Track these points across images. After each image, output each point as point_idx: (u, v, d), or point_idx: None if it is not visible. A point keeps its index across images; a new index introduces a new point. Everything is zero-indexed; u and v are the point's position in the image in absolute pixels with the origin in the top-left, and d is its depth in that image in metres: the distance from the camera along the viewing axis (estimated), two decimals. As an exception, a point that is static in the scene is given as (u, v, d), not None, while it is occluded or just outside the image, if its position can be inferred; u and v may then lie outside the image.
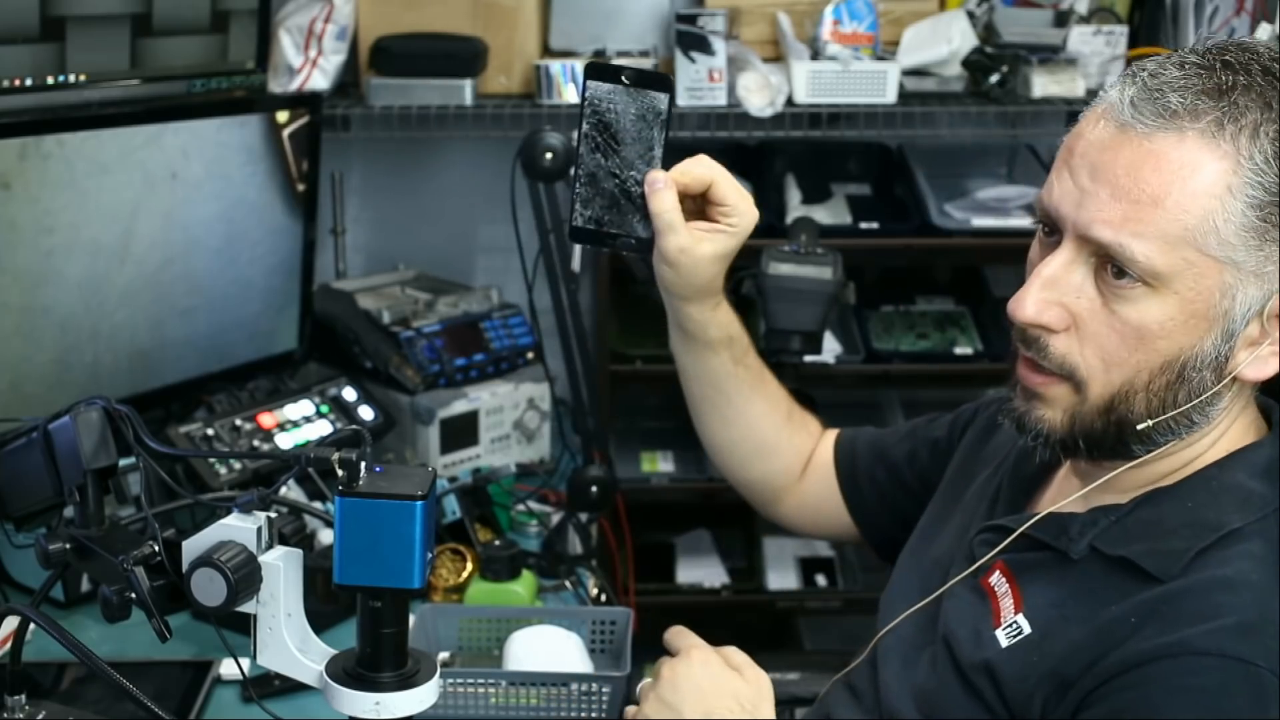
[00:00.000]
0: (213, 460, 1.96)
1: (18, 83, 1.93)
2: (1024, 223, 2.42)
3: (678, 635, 1.32)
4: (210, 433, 2.01)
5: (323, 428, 2.14)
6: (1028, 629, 1.13)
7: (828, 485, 1.60)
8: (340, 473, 1.04)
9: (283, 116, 2.21)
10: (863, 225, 2.54)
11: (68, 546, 1.22)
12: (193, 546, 1.10)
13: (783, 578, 2.73)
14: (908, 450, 1.54)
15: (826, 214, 2.58)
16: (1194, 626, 1.02)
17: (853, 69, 2.38)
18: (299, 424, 2.12)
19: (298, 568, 1.11)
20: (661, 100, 1.34)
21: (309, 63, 2.42)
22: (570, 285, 2.01)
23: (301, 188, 2.27)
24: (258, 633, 1.11)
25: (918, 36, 2.44)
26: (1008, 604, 1.16)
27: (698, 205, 1.37)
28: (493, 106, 2.45)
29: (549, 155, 1.89)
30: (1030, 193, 2.50)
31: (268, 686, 1.54)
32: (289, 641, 1.10)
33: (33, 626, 1.25)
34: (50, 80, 1.97)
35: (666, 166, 1.34)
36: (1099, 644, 1.06)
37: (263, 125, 2.18)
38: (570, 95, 2.44)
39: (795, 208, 2.58)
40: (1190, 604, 1.04)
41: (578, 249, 2.46)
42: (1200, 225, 1.02)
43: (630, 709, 1.30)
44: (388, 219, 2.79)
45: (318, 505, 1.47)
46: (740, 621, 2.75)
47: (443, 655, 1.67)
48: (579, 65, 2.44)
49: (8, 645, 1.33)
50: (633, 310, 2.60)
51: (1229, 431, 1.14)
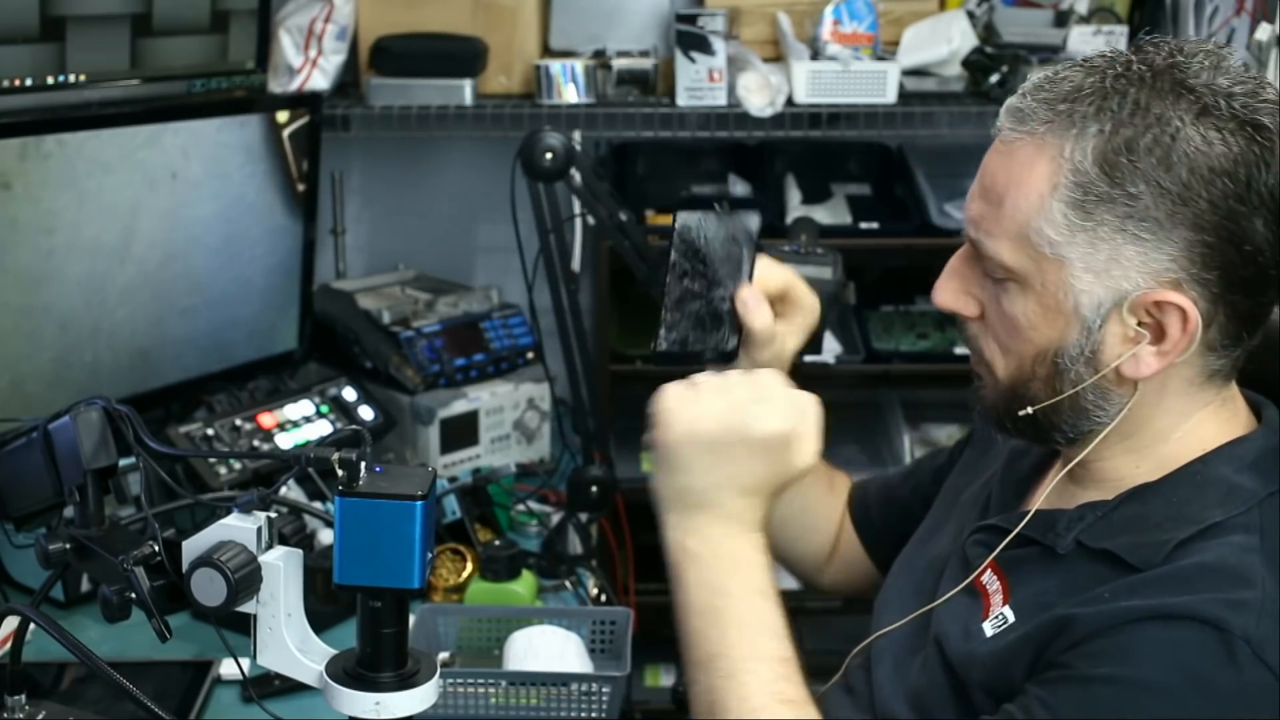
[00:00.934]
0: (213, 460, 1.96)
1: (18, 83, 1.93)
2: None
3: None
4: (210, 433, 2.01)
5: (323, 428, 2.14)
6: (1012, 618, 1.14)
7: (852, 540, 1.59)
8: (340, 473, 1.04)
9: (283, 116, 2.21)
10: (863, 225, 2.54)
11: (68, 546, 1.22)
12: (193, 546, 1.10)
13: (783, 577, 2.72)
14: (912, 486, 1.55)
15: (826, 214, 2.58)
16: (1172, 595, 1.03)
17: (853, 69, 2.38)
18: (299, 424, 2.12)
19: (298, 568, 1.11)
20: (753, 220, 1.36)
21: (309, 63, 2.42)
22: (570, 285, 2.01)
23: (301, 188, 2.27)
24: (258, 633, 1.11)
25: (918, 36, 2.44)
26: (997, 599, 1.17)
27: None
28: (493, 106, 2.45)
29: (549, 155, 1.89)
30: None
31: (268, 686, 1.54)
32: (289, 641, 1.10)
33: (33, 626, 1.25)
34: (50, 80, 1.97)
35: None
36: (1076, 611, 1.07)
37: (263, 125, 2.18)
38: (570, 95, 2.44)
39: (795, 208, 2.58)
40: (1169, 581, 1.05)
41: (577, 248, 2.47)
42: (1030, 224, 1.07)
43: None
44: (388, 219, 2.79)
45: (318, 505, 1.47)
46: (740, 621, 2.74)
47: (443, 655, 1.67)
48: (579, 65, 2.44)
49: (8, 645, 1.33)
50: (633, 310, 2.60)
51: (1206, 425, 1.14)
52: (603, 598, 1.93)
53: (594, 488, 2.00)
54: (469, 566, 1.89)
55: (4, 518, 1.36)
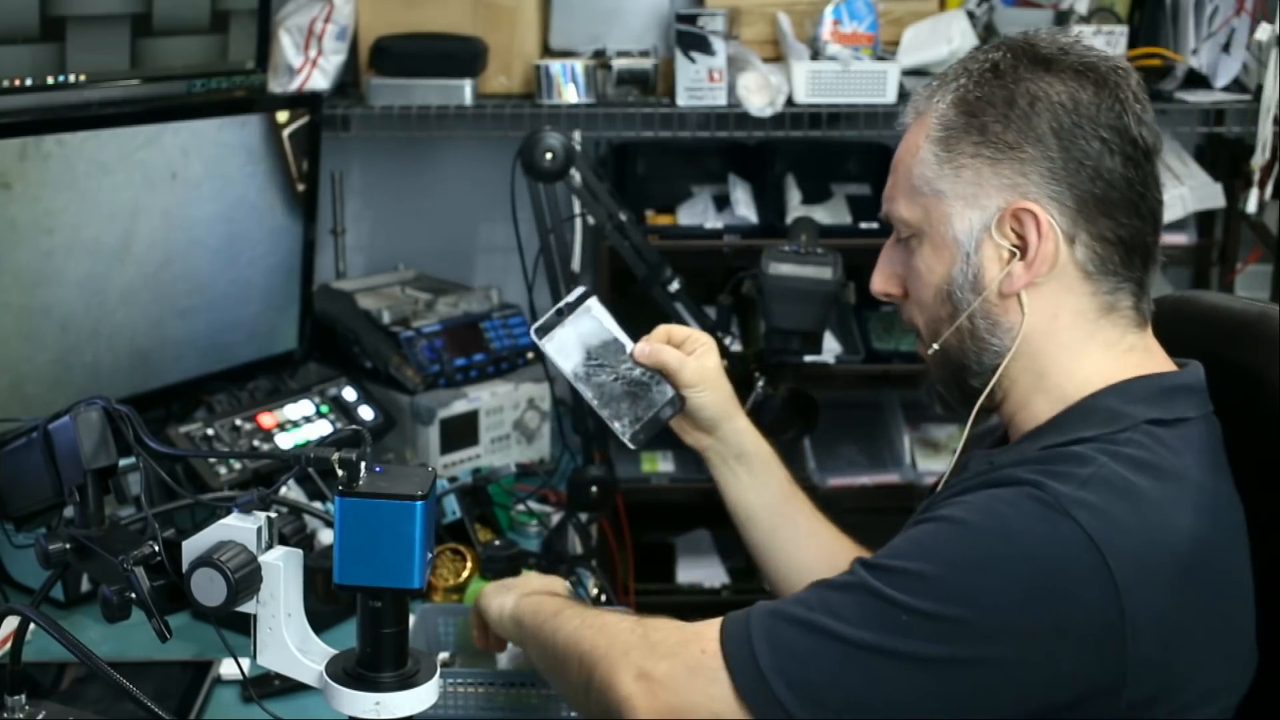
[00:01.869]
0: (213, 460, 1.96)
1: (18, 83, 1.93)
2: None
3: None
4: (210, 433, 2.01)
5: (323, 428, 2.13)
6: None
7: None
8: (340, 473, 1.04)
9: (283, 116, 2.21)
10: (863, 225, 2.54)
11: (68, 546, 1.22)
12: (193, 546, 1.10)
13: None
14: None
15: (826, 214, 2.58)
16: (1012, 470, 1.13)
17: (853, 69, 2.38)
18: (299, 424, 2.12)
19: (298, 568, 1.11)
20: (591, 300, 1.57)
21: (309, 63, 2.42)
22: (570, 285, 2.01)
23: (301, 188, 2.27)
24: (258, 633, 1.11)
25: (918, 36, 2.44)
26: None
27: None
28: (493, 106, 2.45)
29: (549, 155, 1.89)
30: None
31: (268, 686, 1.54)
32: (289, 641, 1.10)
33: (33, 626, 1.25)
34: (50, 80, 1.97)
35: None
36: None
37: (263, 125, 2.18)
38: (570, 95, 2.44)
39: (795, 208, 2.58)
40: (1020, 463, 1.14)
41: (577, 248, 2.47)
42: (913, 172, 1.23)
43: None
44: (388, 219, 2.79)
45: (318, 505, 1.47)
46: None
47: (443, 655, 1.67)
48: (579, 65, 2.44)
49: (8, 645, 1.33)
50: (633, 310, 2.59)
51: (1110, 367, 1.19)
52: (603, 598, 1.93)
53: (594, 488, 1.99)
54: (469, 566, 1.88)
55: (4, 518, 1.36)
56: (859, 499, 2.70)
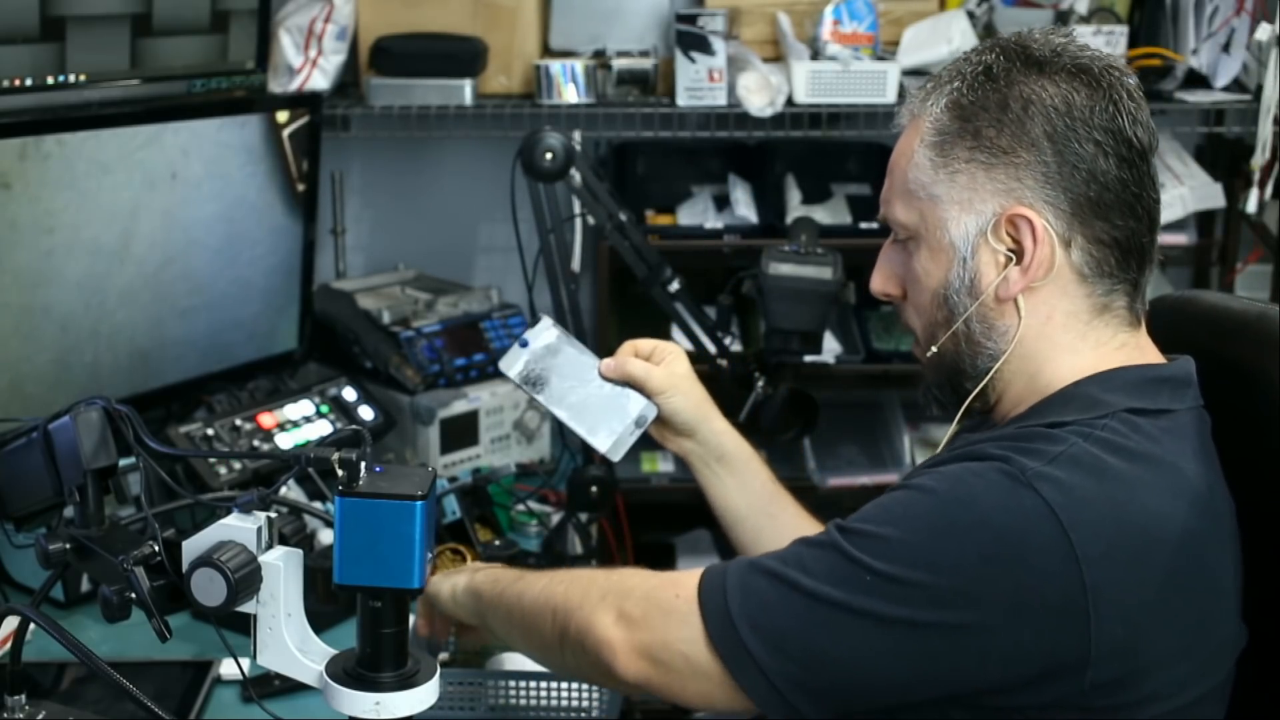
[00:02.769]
0: (213, 460, 1.96)
1: (18, 83, 1.93)
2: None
3: None
4: (210, 433, 2.01)
5: (323, 428, 2.13)
6: None
7: None
8: (340, 473, 1.04)
9: (283, 116, 2.21)
10: (863, 225, 2.54)
11: (68, 546, 1.22)
12: (193, 546, 1.10)
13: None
14: None
15: (826, 214, 2.58)
16: (983, 445, 1.14)
17: (853, 69, 2.38)
18: (299, 424, 2.12)
19: (298, 568, 1.11)
20: (546, 323, 1.62)
21: (309, 63, 2.42)
22: (570, 285, 2.01)
23: (301, 188, 2.27)
24: (258, 633, 1.11)
25: (918, 36, 2.44)
26: None
27: None
28: (493, 106, 2.45)
29: (549, 155, 1.89)
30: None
31: (268, 686, 1.54)
32: (289, 641, 1.10)
33: (33, 626, 1.25)
34: (50, 80, 1.97)
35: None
36: None
37: (263, 125, 2.18)
38: (570, 95, 2.44)
39: (795, 208, 2.58)
40: (986, 440, 1.16)
41: (577, 248, 2.47)
42: (908, 176, 1.23)
43: None
44: (388, 219, 2.79)
45: (318, 505, 1.47)
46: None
47: (443, 655, 1.67)
48: (579, 65, 2.44)
49: (8, 645, 1.33)
50: (633, 310, 2.60)
51: (1090, 358, 1.20)
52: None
53: (594, 488, 1.99)
54: (469, 566, 1.88)
55: (4, 518, 1.36)
56: (859, 499, 2.67)
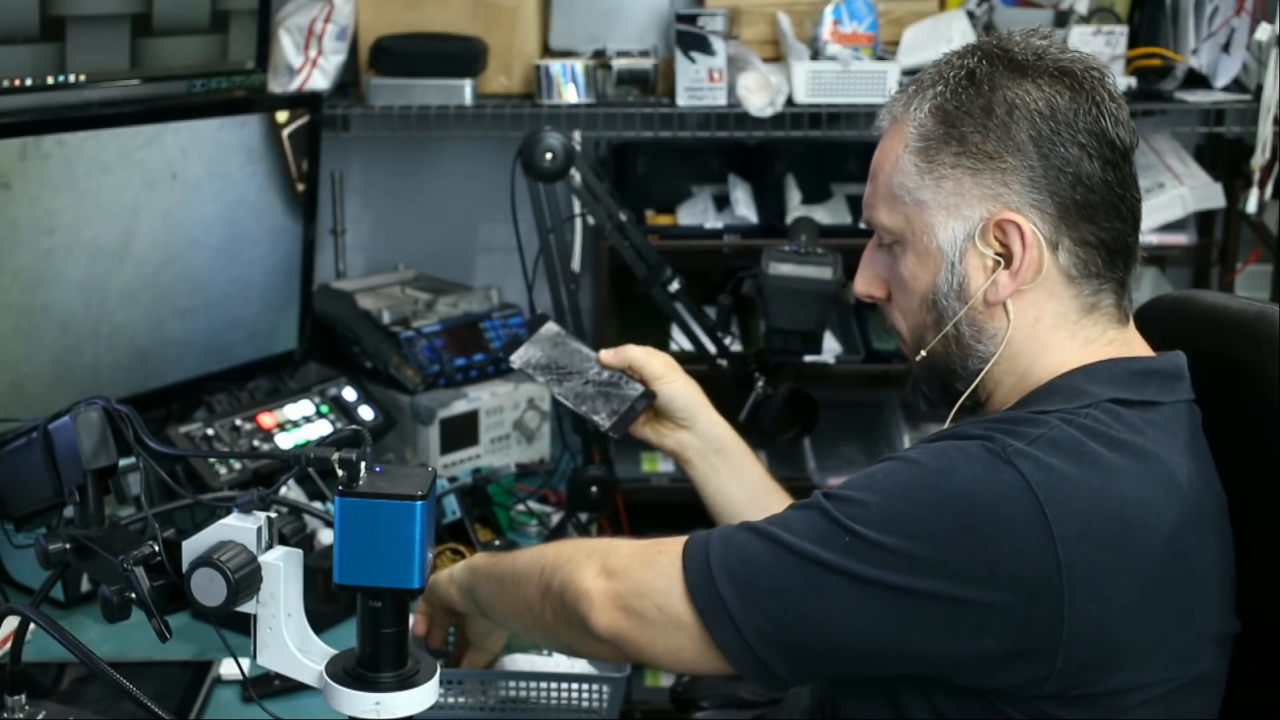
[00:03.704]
0: (213, 460, 1.96)
1: (18, 83, 1.93)
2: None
3: None
4: (210, 433, 2.01)
5: (323, 428, 2.13)
6: None
7: None
8: (340, 473, 1.04)
9: (283, 116, 2.21)
10: (863, 225, 2.53)
11: (68, 546, 1.22)
12: (193, 546, 1.10)
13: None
14: None
15: (826, 214, 2.58)
16: (978, 425, 1.16)
17: (853, 69, 2.38)
18: (299, 424, 2.12)
19: (298, 568, 1.11)
20: (548, 320, 1.72)
21: (309, 63, 2.42)
22: (570, 285, 2.01)
23: (301, 188, 2.27)
24: (258, 633, 1.11)
25: (918, 36, 2.44)
26: None
27: None
28: (493, 106, 2.45)
29: (549, 155, 1.89)
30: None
31: (268, 686, 1.54)
32: (289, 641, 1.10)
33: (33, 626, 1.25)
34: (50, 80, 1.97)
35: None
36: None
37: (263, 125, 2.18)
38: (570, 95, 2.44)
39: (795, 208, 2.58)
40: (969, 423, 1.19)
41: (577, 248, 2.47)
42: (893, 181, 1.24)
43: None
44: (388, 219, 2.79)
45: (318, 505, 1.47)
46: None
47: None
48: (579, 65, 2.44)
49: (8, 645, 1.33)
50: (633, 310, 2.60)
51: (1079, 354, 1.21)
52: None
53: (594, 488, 2.00)
54: (469, 566, 1.88)
55: (4, 518, 1.36)
56: (859, 499, 2.70)
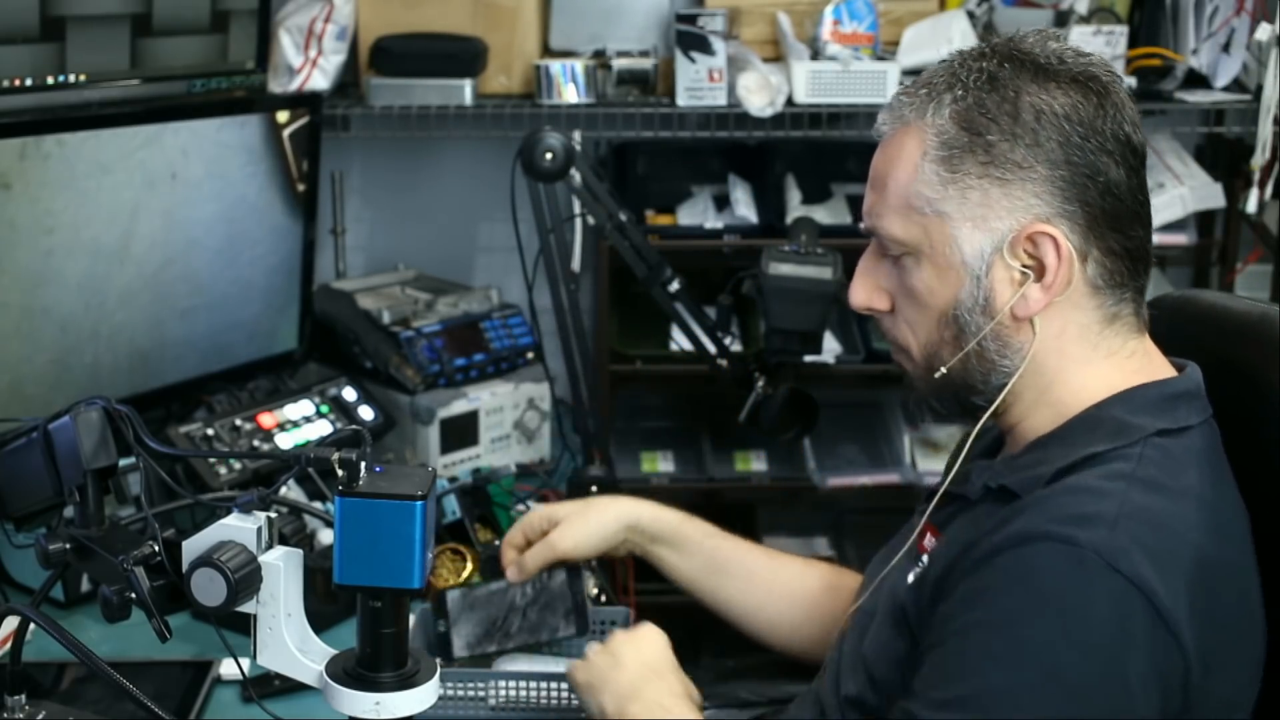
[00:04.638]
0: (213, 460, 1.96)
1: (18, 83, 1.93)
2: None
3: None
4: (210, 433, 2.01)
5: (323, 428, 2.13)
6: (926, 562, 1.23)
7: None
8: (340, 473, 1.04)
9: (283, 116, 2.21)
10: (862, 225, 2.54)
11: (68, 546, 1.22)
12: (193, 546, 1.10)
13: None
14: None
15: (826, 214, 2.58)
16: (1030, 521, 1.10)
17: (853, 69, 2.38)
18: (299, 424, 2.12)
19: (298, 568, 1.11)
20: (446, 593, 1.68)
21: (309, 63, 2.42)
22: (570, 285, 2.01)
23: (301, 188, 2.27)
24: (258, 633, 1.11)
25: (918, 36, 2.44)
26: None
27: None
28: (493, 106, 2.45)
29: (549, 155, 1.89)
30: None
31: (268, 686, 1.54)
32: (289, 641, 1.10)
33: (33, 626, 1.25)
34: (50, 80, 1.97)
35: None
36: (964, 551, 1.15)
37: (263, 125, 2.18)
38: (570, 95, 2.44)
39: (795, 208, 2.58)
40: (1033, 506, 1.12)
41: (577, 248, 2.47)
42: (909, 191, 1.19)
43: (576, 662, 1.48)
44: (388, 219, 2.79)
45: (318, 505, 1.47)
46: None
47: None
48: (579, 65, 2.44)
49: (8, 645, 1.33)
50: (633, 310, 2.60)
51: (1113, 374, 1.19)
52: (603, 598, 1.93)
53: (594, 488, 2.00)
54: (469, 566, 1.88)
55: (4, 518, 1.36)
56: (859, 499, 2.70)
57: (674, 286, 1.98)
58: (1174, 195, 2.50)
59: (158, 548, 1.13)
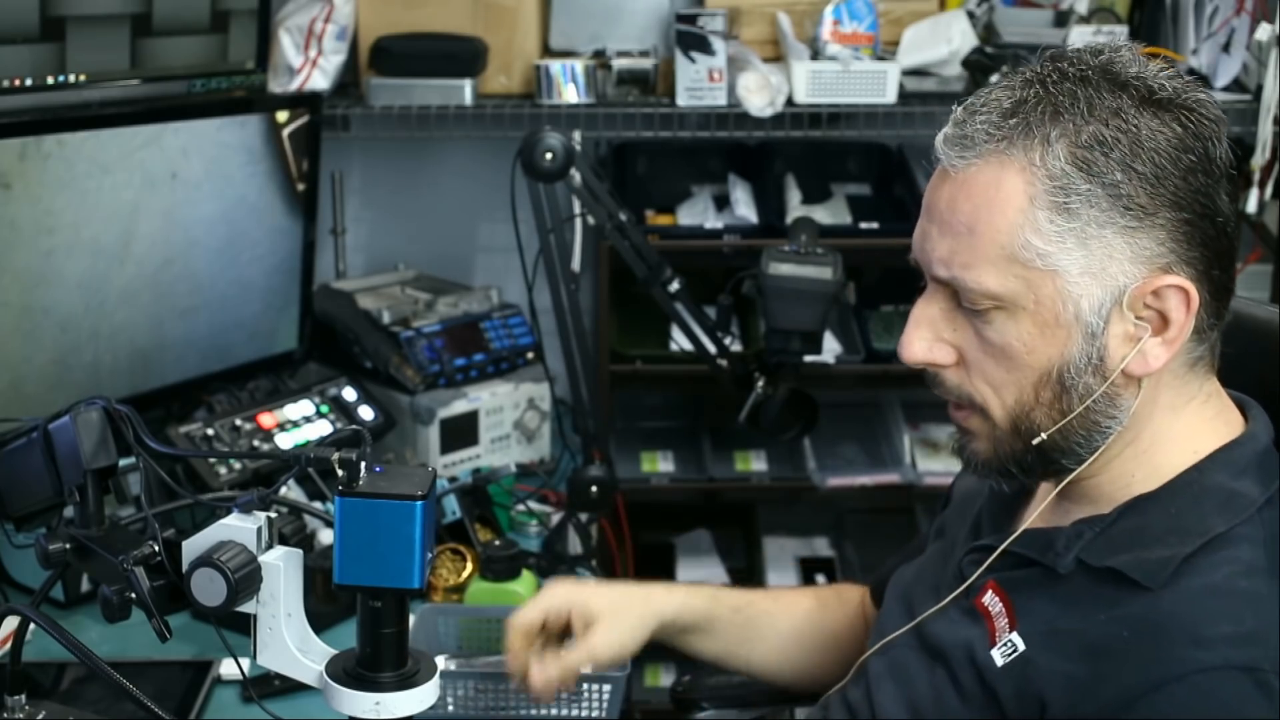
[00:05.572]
0: (213, 460, 1.96)
1: (18, 83, 1.93)
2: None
3: None
4: (210, 433, 2.01)
5: (323, 428, 2.13)
6: (1022, 646, 1.11)
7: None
8: (340, 473, 1.04)
9: (283, 116, 2.21)
10: (863, 225, 2.54)
11: (68, 546, 1.22)
12: (193, 546, 1.10)
13: (783, 577, 2.73)
14: (918, 549, 1.49)
15: (826, 214, 2.58)
16: (1194, 643, 1.01)
17: (853, 69, 2.38)
18: (299, 424, 2.12)
19: (298, 568, 1.11)
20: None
21: (309, 63, 2.42)
22: (570, 285, 2.01)
23: (301, 188, 2.27)
24: (258, 633, 1.11)
25: (918, 36, 2.44)
26: (1003, 623, 1.14)
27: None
28: (493, 106, 2.45)
29: (549, 155, 1.89)
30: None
31: (268, 686, 1.54)
32: (289, 641, 1.10)
33: (33, 626, 1.25)
34: (50, 80, 1.97)
35: None
36: (1092, 671, 1.05)
37: (263, 125, 2.18)
38: (570, 95, 2.44)
39: (795, 208, 2.58)
40: (1183, 618, 1.03)
41: (577, 248, 2.47)
42: (1013, 242, 1.05)
43: None
44: (388, 219, 2.79)
45: (318, 505, 1.47)
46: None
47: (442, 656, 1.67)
48: (579, 65, 2.44)
49: (8, 645, 1.33)
50: (633, 310, 2.60)
51: (1198, 426, 1.13)
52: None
53: (594, 488, 2.00)
54: (469, 566, 1.89)
55: (4, 518, 1.36)
56: (859, 499, 2.70)
57: (674, 286, 1.98)
58: (1174, 195, 2.49)
59: (158, 548, 1.13)
